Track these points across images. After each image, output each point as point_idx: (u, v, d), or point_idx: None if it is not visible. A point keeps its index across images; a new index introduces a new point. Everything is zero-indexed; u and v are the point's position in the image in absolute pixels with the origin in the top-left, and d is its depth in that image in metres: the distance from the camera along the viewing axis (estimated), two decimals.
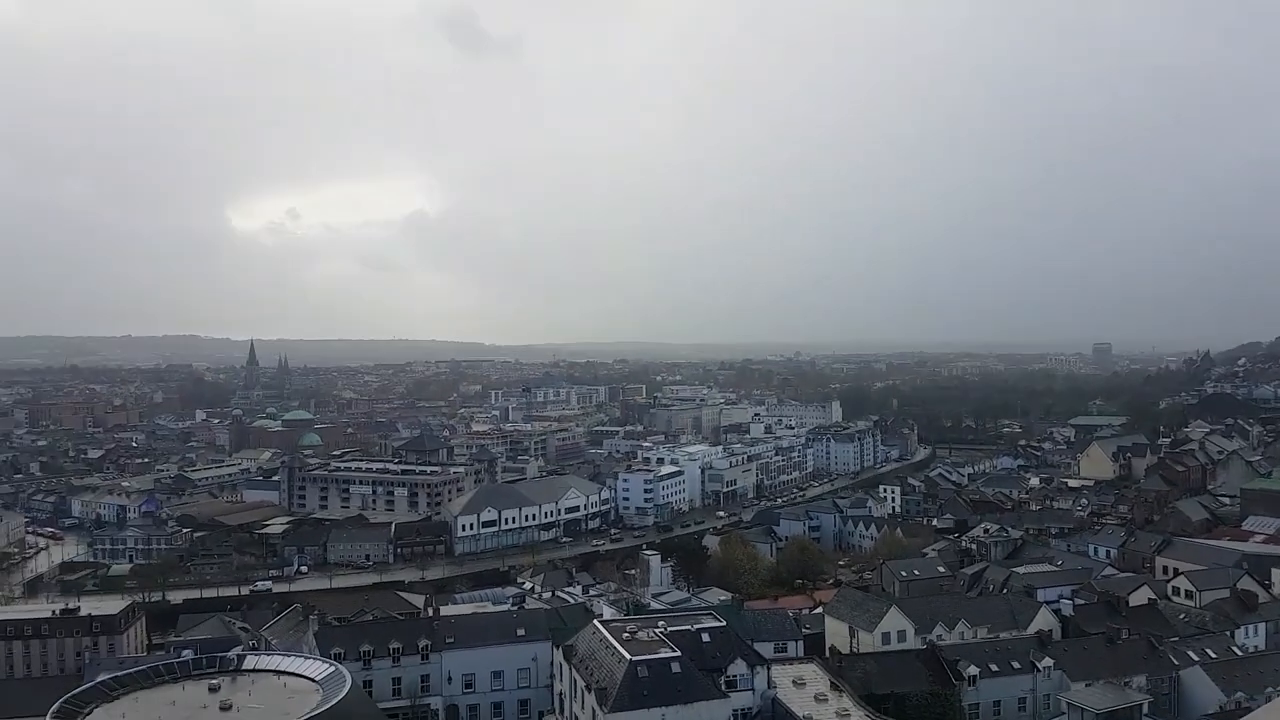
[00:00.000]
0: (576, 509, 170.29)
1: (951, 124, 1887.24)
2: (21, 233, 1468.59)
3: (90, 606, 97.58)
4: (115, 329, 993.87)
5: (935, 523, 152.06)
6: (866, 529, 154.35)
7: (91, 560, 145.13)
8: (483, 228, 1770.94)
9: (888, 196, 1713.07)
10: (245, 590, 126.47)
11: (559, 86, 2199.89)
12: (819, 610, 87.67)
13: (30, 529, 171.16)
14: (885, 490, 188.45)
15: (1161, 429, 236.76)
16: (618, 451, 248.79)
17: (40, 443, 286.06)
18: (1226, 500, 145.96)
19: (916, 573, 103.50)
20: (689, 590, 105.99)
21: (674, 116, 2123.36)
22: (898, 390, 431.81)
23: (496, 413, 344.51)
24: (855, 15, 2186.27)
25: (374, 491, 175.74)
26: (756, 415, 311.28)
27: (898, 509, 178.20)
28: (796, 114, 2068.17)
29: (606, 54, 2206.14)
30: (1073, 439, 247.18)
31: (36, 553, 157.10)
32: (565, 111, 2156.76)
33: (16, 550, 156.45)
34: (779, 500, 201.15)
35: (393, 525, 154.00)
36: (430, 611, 77.03)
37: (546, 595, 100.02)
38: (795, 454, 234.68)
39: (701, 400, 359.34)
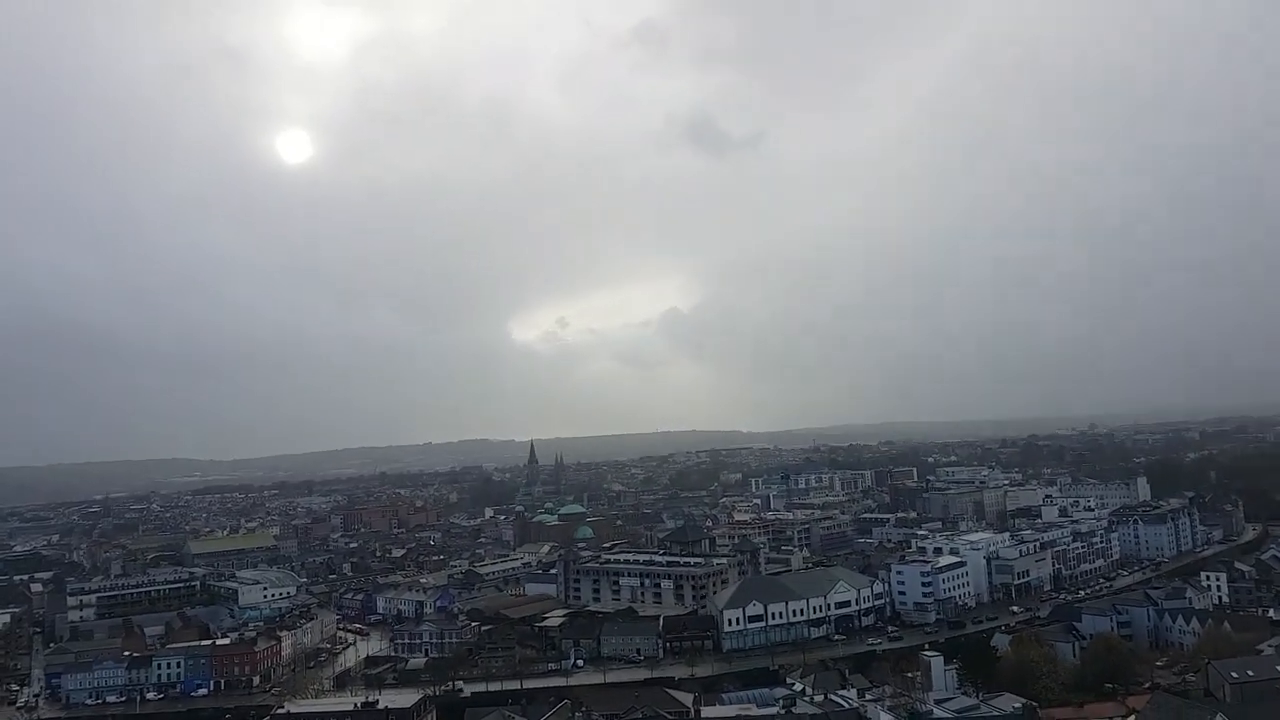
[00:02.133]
0: (847, 604, 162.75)
1: (1212, 163, 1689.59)
2: (340, 359, 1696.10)
3: (388, 699, 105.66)
4: (418, 438, 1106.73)
5: (1271, 614, 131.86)
6: (1187, 623, 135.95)
7: (392, 654, 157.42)
8: (734, 319, 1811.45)
9: (1171, 239, 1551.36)
10: (526, 685, 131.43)
11: (800, 176, 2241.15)
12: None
13: (341, 625, 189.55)
14: (1208, 577, 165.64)
15: None
16: (889, 540, 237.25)
17: (352, 545, 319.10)
18: None
19: (1251, 673, 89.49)
20: (977, 696, 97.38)
21: (916, 190, 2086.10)
22: (1215, 461, 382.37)
23: (758, 501, 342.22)
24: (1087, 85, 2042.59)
25: (641, 584, 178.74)
26: (1048, 497, 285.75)
27: (1225, 599, 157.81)
28: (1042, 158, 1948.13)
29: (843, 141, 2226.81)
30: None
31: (345, 647, 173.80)
32: (808, 200, 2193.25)
33: (329, 646, 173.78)
34: (1080, 593, 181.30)
35: (661, 619, 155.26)
36: (694, 711, 76.08)
37: (818, 698, 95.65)
38: (1097, 539, 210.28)
39: (981, 482, 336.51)
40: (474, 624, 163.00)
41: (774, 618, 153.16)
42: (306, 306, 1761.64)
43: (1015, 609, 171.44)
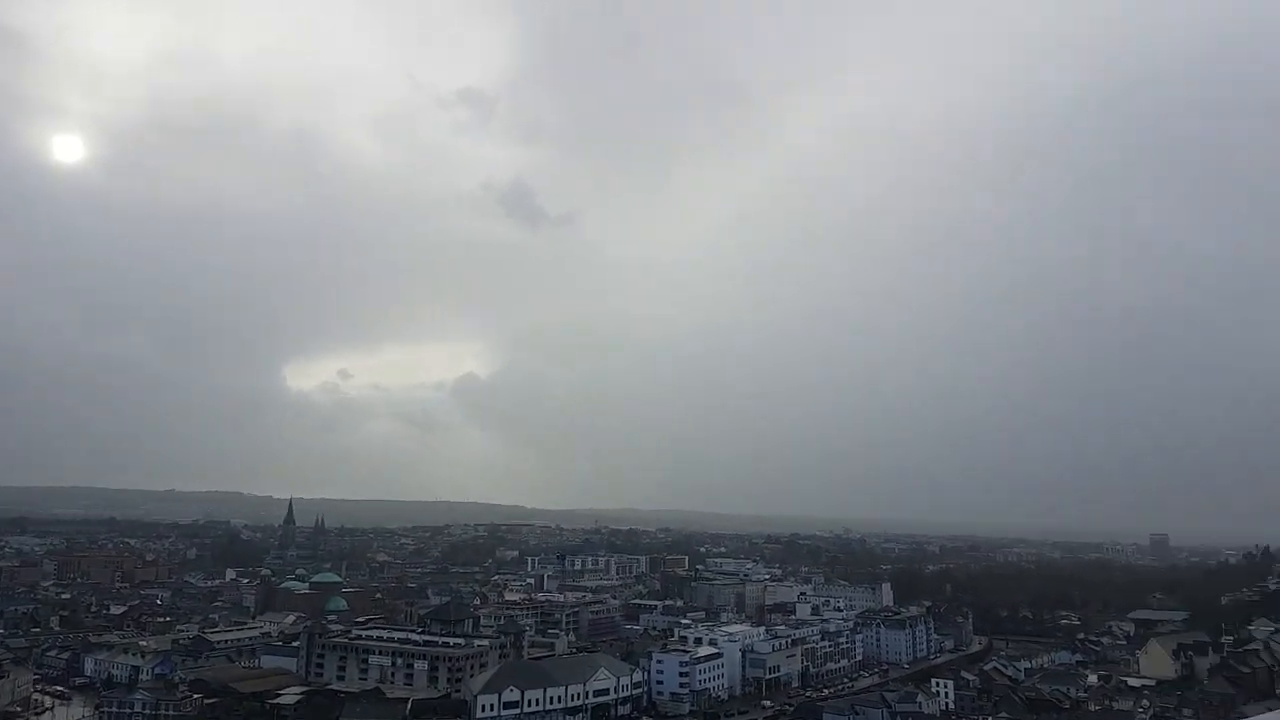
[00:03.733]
0: (606, 691, 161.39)
1: (1004, 302, 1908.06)
2: (79, 382, 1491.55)
3: None
4: (161, 482, 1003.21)
5: None
6: None
7: None
8: (531, 392, 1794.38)
9: (936, 376, 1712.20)
10: None
11: (615, 261, 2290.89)
12: None
13: (39, 687, 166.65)
14: (937, 684, 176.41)
15: (1224, 626, 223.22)
16: (654, 628, 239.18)
17: (64, 595, 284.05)
18: None
19: None
20: None
21: (730, 290, 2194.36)
22: (951, 575, 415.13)
23: (531, 580, 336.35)
24: (897, 207, 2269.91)
25: (394, 663, 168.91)
26: (803, 594, 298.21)
27: (951, 705, 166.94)
28: (842, 287, 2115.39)
29: (660, 232, 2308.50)
30: (1132, 634, 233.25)
31: (41, 712, 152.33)
32: (620, 285, 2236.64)
33: (20, 709, 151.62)
34: (825, 691, 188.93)
35: (409, 702, 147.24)
36: None
37: None
38: (844, 639, 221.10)
39: (745, 575, 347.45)
40: (196, 696, 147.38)
41: (530, 704, 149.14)
42: (45, 317, 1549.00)
43: (766, 703, 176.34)
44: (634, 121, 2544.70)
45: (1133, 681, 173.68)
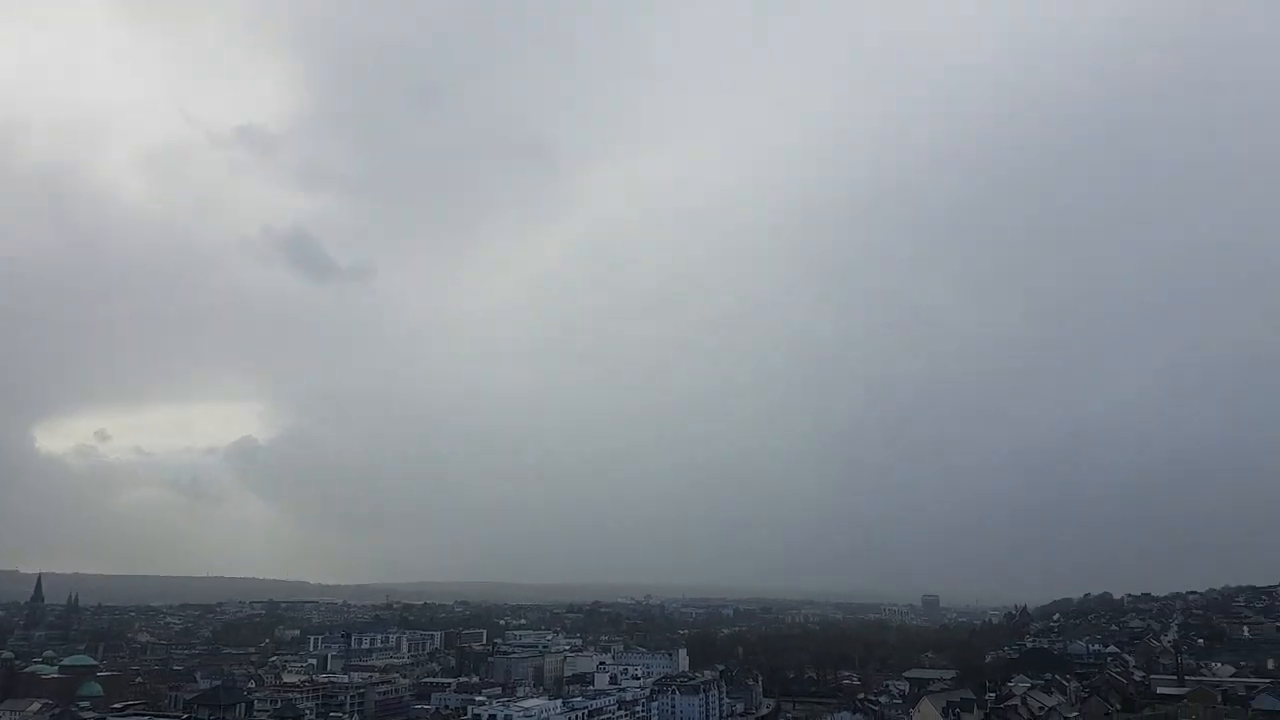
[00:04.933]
0: None
1: (789, 366, 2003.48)
2: None
3: None
4: None
5: None
6: None
7: None
8: (316, 458, 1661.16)
9: (735, 444, 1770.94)
10: None
11: (413, 318, 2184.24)
12: None
13: None
14: None
15: (987, 683, 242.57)
16: (446, 706, 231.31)
17: None
18: None
19: None
20: None
21: (532, 355, 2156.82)
22: (744, 638, 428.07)
23: (313, 661, 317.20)
24: (702, 279, 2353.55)
25: None
26: (602, 664, 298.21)
27: None
28: (647, 356, 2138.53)
29: (461, 292, 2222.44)
30: (907, 692, 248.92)
31: None
32: (417, 348, 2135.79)
33: None
34: None
35: None
36: None
37: None
38: (639, 708, 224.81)
39: (545, 647, 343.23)
40: None
41: None
42: None
43: None
44: (434, 174, 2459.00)
45: None
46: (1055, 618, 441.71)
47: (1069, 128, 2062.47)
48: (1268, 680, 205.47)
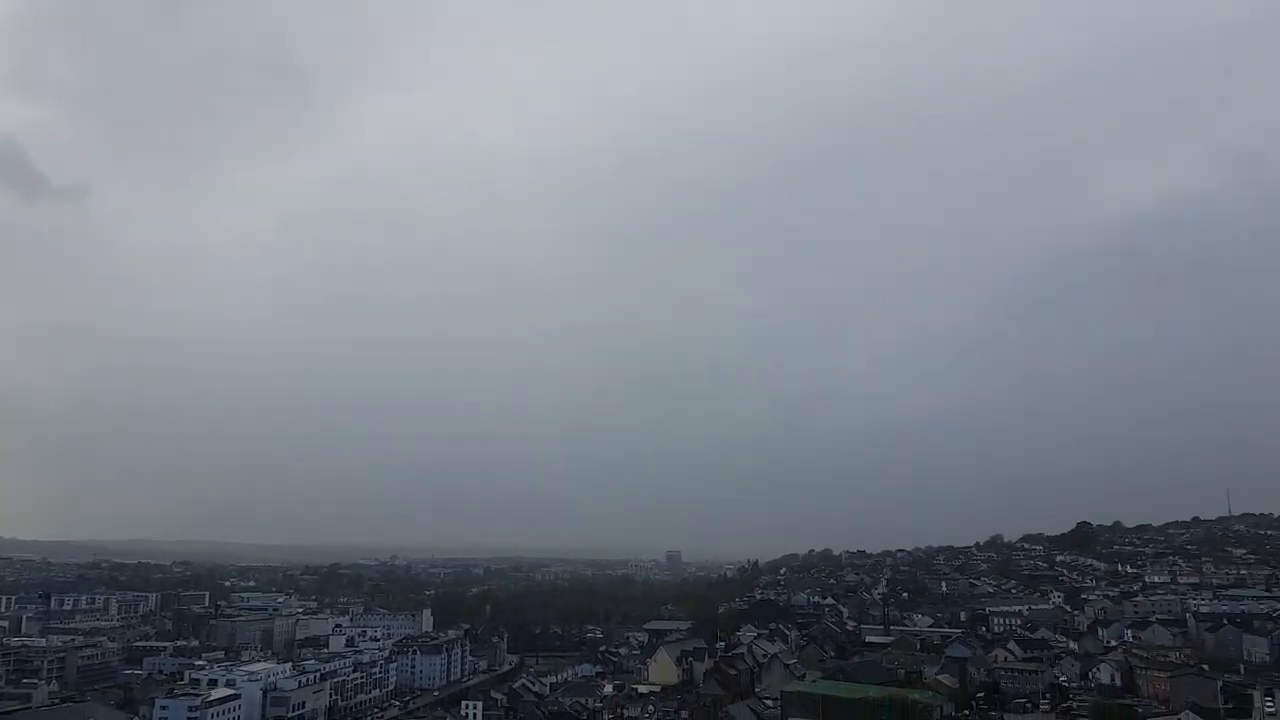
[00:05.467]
0: None
1: (564, 333, 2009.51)
2: None
3: None
4: None
5: None
6: None
7: None
8: (17, 401, 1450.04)
9: (501, 398, 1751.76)
10: None
11: (140, 246, 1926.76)
12: None
13: None
14: (467, 706, 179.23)
15: (719, 633, 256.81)
16: (160, 672, 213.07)
17: None
18: (770, 702, 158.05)
19: None
20: None
21: (269, 296, 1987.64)
22: (492, 596, 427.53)
23: (5, 623, 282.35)
24: (472, 224, 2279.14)
25: None
26: (338, 626, 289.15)
27: None
28: (394, 301, 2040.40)
29: (198, 221, 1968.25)
30: (645, 643, 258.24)
31: None
32: (142, 274, 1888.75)
33: None
34: None
35: None
36: None
37: None
38: (376, 669, 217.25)
39: (276, 610, 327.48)
40: None
41: None
42: None
43: None
44: (172, 91, 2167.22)
45: (642, 688, 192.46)
46: (783, 571, 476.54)
47: (828, 130, 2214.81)
48: (959, 631, 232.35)
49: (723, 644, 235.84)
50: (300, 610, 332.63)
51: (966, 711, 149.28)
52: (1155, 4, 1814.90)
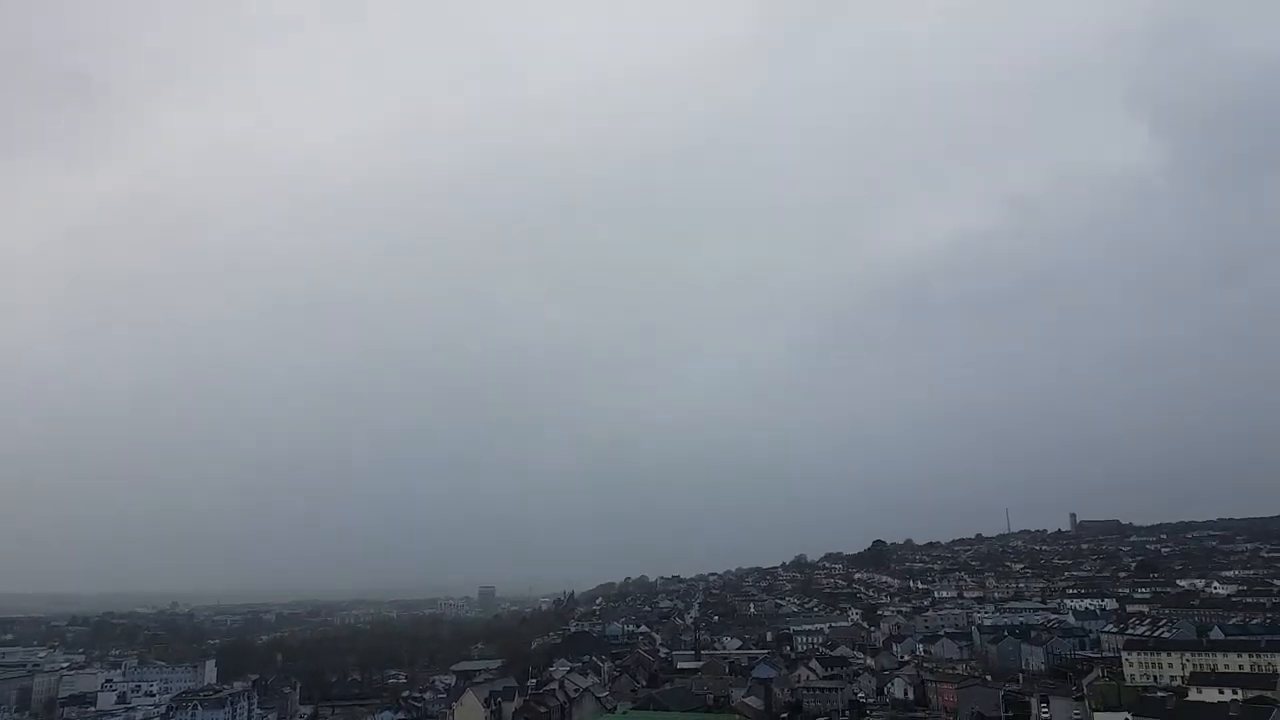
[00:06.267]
0: None
1: (361, 358, 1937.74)
2: None
3: None
4: None
5: None
6: None
7: None
8: None
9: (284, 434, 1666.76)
10: None
11: None
12: None
13: None
14: None
15: (531, 670, 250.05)
16: None
17: None
18: None
19: None
20: None
21: (51, 320, 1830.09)
22: (285, 644, 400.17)
23: None
24: (267, 244, 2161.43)
25: None
26: (109, 682, 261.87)
27: None
28: (193, 327, 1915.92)
29: None
30: (452, 686, 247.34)
31: None
32: None
33: None
34: None
35: None
36: None
37: None
38: None
39: (35, 666, 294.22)
40: None
41: None
42: None
43: None
44: None
45: None
46: (599, 601, 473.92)
47: (657, 162, 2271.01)
48: (765, 651, 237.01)
49: (534, 681, 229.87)
50: (65, 665, 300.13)
51: None
52: (954, 56, 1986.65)
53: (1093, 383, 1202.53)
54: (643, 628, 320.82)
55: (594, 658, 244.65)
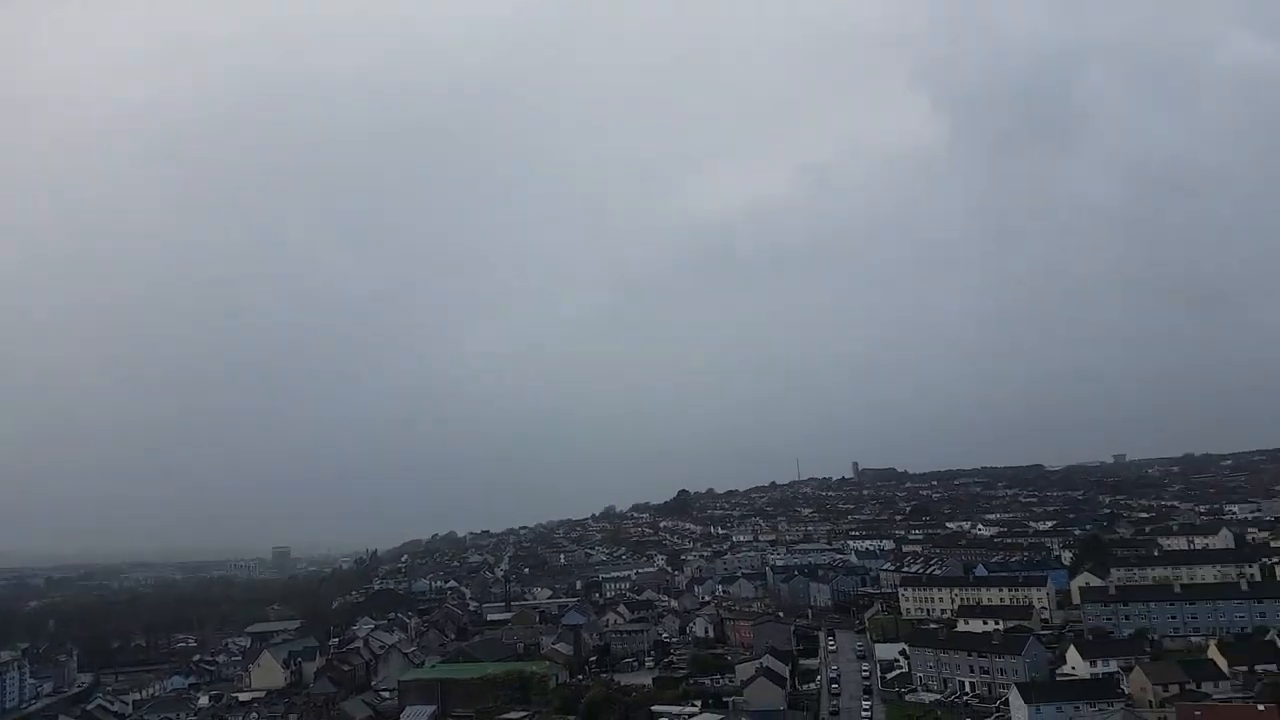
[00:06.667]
0: None
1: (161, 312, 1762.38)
2: None
3: None
4: None
5: None
6: None
7: None
8: None
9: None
10: None
11: None
12: None
13: None
14: None
15: (332, 629, 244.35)
16: None
17: None
18: (388, 694, 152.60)
19: None
20: None
21: None
22: (57, 609, 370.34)
23: None
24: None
25: None
26: None
27: None
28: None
29: None
30: (248, 648, 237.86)
31: None
32: None
33: None
34: None
35: None
36: None
37: None
38: None
39: None
40: None
41: None
42: None
43: None
44: None
45: (244, 696, 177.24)
46: (404, 559, 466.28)
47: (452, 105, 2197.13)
48: (575, 600, 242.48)
49: (336, 640, 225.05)
50: None
51: (580, 676, 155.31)
52: (754, 25, 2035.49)
53: (877, 341, 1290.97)
54: (451, 583, 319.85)
55: (400, 615, 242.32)
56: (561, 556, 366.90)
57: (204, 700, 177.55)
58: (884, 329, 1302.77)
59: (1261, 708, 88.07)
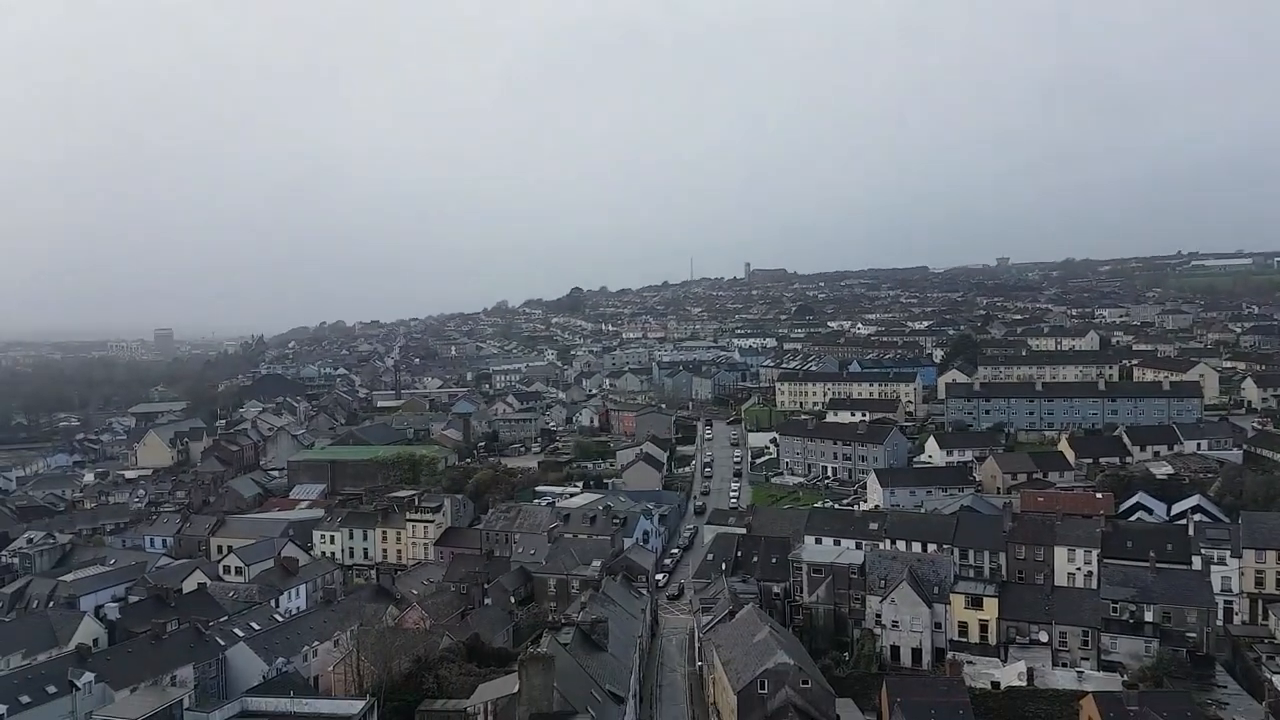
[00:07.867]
0: None
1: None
2: None
3: None
4: None
5: None
6: None
7: None
8: None
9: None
10: None
11: None
12: None
13: None
14: None
15: (219, 411, 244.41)
16: None
17: None
18: (276, 473, 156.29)
19: None
20: None
21: None
22: None
23: None
24: None
25: None
26: None
27: None
28: None
29: None
30: (133, 427, 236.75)
31: None
32: None
33: None
34: None
35: None
36: None
37: None
38: None
39: None
40: None
41: None
42: None
43: None
44: None
45: (130, 474, 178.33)
46: (292, 345, 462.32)
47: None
48: (465, 390, 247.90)
49: (224, 422, 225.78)
50: None
51: (469, 460, 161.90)
52: None
53: (776, 143, 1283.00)
54: (341, 371, 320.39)
55: (289, 399, 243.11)
56: (453, 348, 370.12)
57: (89, 477, 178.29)
58: (784, 124, 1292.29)
59: (1100, 495, 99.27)
